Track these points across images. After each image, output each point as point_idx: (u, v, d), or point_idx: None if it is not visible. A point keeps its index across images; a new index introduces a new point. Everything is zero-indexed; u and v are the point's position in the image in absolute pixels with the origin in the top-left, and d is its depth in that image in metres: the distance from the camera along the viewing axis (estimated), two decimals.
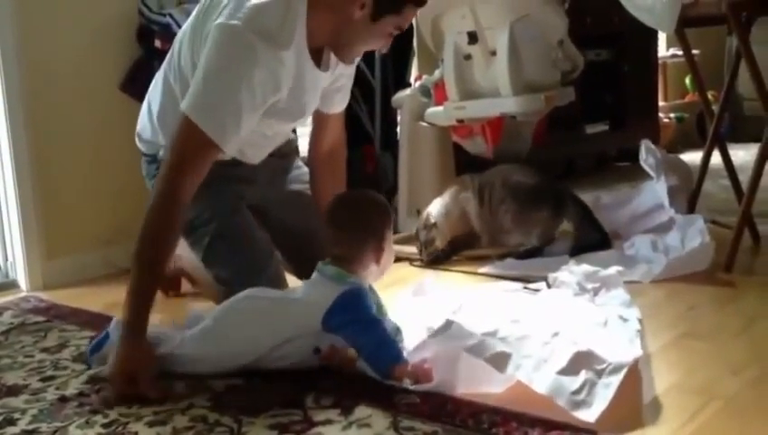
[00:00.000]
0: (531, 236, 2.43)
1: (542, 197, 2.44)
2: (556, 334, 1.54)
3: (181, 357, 1.59)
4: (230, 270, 1.91)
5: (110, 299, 2.26)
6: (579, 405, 1.32)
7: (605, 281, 1.91)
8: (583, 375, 1.38)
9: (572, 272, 1.97)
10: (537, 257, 2.40)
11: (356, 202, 1.66)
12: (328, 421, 1.37)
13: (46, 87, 1.99)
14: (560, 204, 2.45)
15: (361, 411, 1.40)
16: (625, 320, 1.69)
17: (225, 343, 1.60)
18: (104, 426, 1.39)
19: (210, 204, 1.89)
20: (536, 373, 1.40)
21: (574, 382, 1.37)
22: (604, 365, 1.41)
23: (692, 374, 1.51)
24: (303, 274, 1.82)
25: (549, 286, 2.02)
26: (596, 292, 1.88)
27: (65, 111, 2.01)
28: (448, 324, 1.49)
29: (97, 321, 2.02)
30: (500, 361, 1.43)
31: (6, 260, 2.55)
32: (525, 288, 2.06)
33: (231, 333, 1.60)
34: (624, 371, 1.39)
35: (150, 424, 1.39)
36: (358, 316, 1.55)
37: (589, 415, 1.29)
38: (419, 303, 1.96)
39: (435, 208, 2.54)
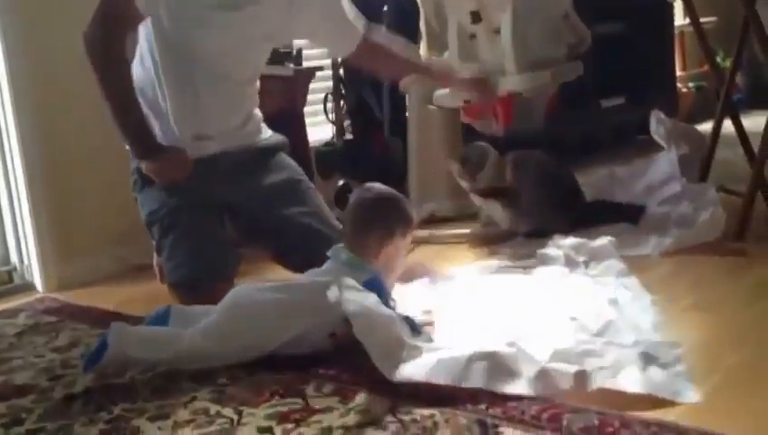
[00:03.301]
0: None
1: (565, 204, 2.39)
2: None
3: (192, 355, 1.58)
4: (172, 262, 2.02)
5: (123, 296, 2.30)
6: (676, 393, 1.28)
7: (595, 252, 1.88)
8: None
9: (560, 246, 1.94)
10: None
11: (369, 191, 1.74)
12: (328, 409, 1.37)
13: (56, 89, 2.01)
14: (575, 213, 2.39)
15: (362, 398, 1.39)
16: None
17: (239, 338, 1.59)
18: (107, 422, 1.40)
19: (167, 200, 2.05)
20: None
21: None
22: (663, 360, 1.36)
23: (696, 346, 1.48)
24: (291, 265, 2.01)
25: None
26: (586, 264, 1.84)
27: (76, 112, 2.03)
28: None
29: (108, 318, 2.02)
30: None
31: (22, 263, 2.59)
32: (518, 267, 2.01)
33: (247, 329, 1.60)
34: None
35: (152, 419, 1.40)
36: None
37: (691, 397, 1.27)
38: (415, 287, 1.94)
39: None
